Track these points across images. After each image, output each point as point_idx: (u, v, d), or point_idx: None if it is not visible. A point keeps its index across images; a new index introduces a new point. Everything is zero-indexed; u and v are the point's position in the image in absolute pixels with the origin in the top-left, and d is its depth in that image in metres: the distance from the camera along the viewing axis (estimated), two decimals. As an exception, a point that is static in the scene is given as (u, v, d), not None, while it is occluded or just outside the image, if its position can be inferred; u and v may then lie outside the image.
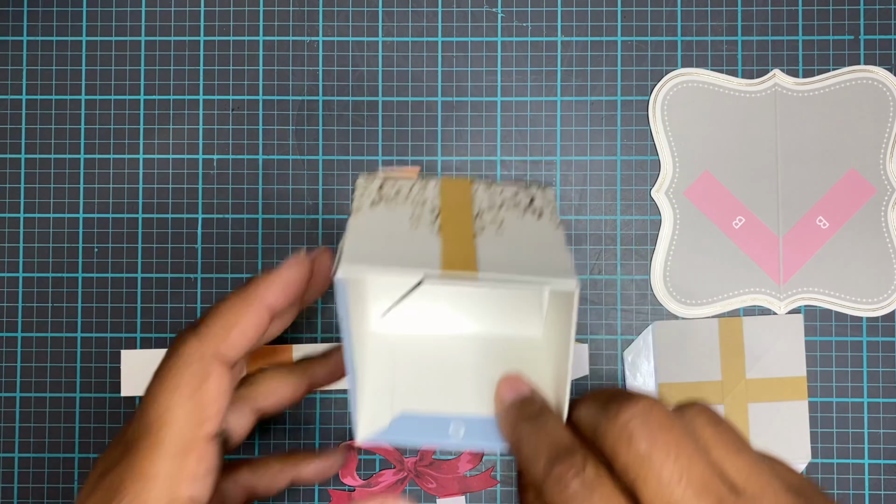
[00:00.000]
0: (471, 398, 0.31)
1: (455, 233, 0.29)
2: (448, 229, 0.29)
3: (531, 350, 0.32)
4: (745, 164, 0.44)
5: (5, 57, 0.46)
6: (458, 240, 0.28)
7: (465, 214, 0.30)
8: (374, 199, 0.31)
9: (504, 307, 0.33)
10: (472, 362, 0.32)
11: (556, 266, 0.27)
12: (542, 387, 0.31)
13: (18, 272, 0.45)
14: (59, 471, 0.44)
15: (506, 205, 0.31)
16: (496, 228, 0.30)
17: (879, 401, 0.44)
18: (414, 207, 0.30)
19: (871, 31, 0.45)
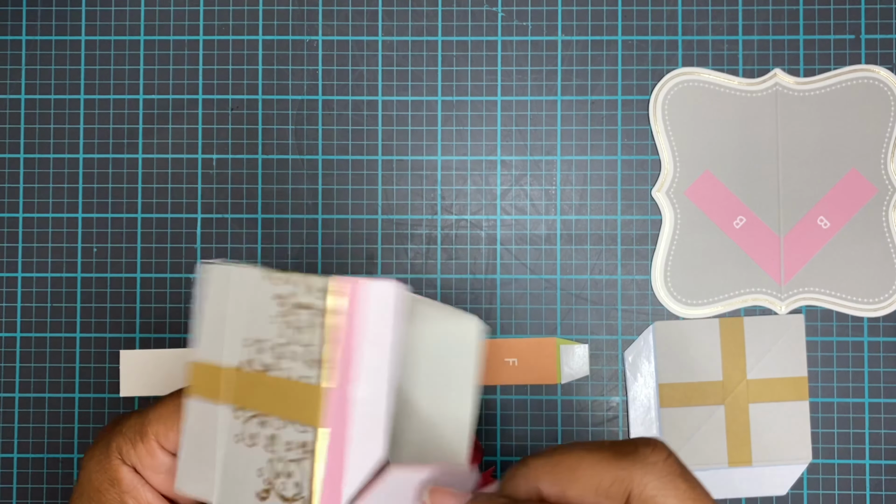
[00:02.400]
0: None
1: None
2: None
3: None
4: (746, 164, 0.44)
5: (4, 56, 0.46)
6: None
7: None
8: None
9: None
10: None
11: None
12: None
13: (17, 272, 0.45)
14: (57, 471, 0.44)
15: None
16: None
17: (880, 401, 0.44)
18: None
19: (872, 30, 0.45)
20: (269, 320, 0.24)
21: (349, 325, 0.23)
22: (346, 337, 0.23)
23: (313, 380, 0.23)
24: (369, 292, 0.23)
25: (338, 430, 0.23)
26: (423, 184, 0.45)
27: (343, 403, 0.23)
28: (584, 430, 0.44)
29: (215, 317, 0.26)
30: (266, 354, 0.24)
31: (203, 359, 0.26)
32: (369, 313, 0.23)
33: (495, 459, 0.44)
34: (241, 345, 0.25)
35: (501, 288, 0.44)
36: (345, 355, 0.23)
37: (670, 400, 0.44)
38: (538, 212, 0.45)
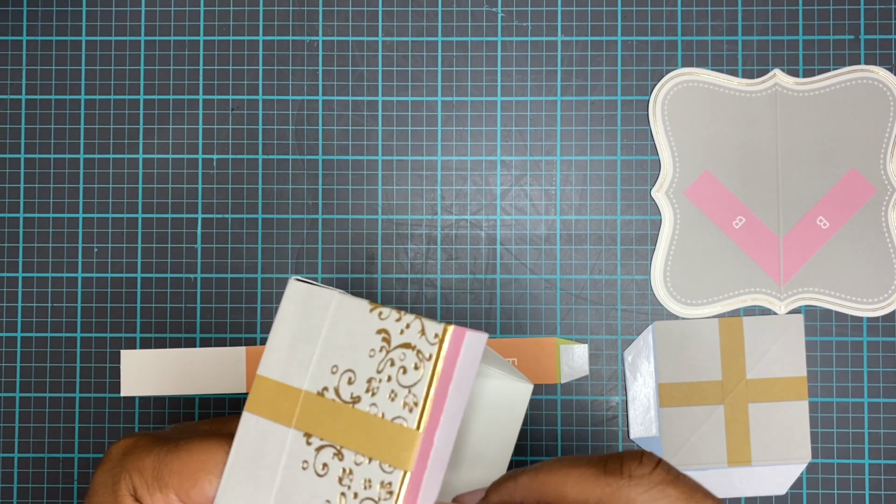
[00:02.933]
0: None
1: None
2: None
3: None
4: (746, 164, 0.44)
5: (5, 57, 0.46)
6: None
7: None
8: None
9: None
10: None
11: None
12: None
13: (18, 272, 0.45)
14: (58, 471, 0.44)
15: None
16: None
17: (880, 401, 0.44)
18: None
19: (872, 30, 0.45)
20: (369, 354, 0.24)
21: (448, 373, 0.23)
22: (443, 384, 0.23)
23: (409, 423, 0.23)
24: (471, 343, 0.24)
25: (418, 473, 0.23)
26: (423, 184, 0.45)
27: (427, 448, 0.23)
28: (584, 430, 0.44)
29: (304, 339, 0.25)
30: (357, 387, 0.24)
31: (279, 378, 0.26)
32: (465, 363, 0.24)
33: (495, 459, 0.44)
34: (329, 371, 0.25)
35: (501, 288, 0.44)
36: (439, 402, 0.23)
37: (670, 400, 0.44)
38: (538, 212, 0.45)
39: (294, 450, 0.25)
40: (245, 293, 0.45)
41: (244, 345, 0.44)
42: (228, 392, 0.44)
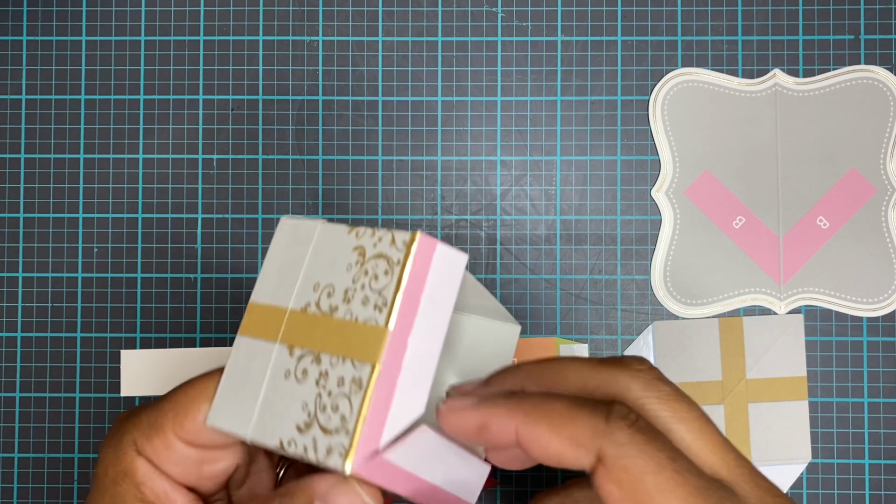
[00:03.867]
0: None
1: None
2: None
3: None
4: (746, 164, 0.44)
5: (5, 56, 0.46)
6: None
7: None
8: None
9: None
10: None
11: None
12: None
13: (18, 272, 0.45)
14: (58, 471, 0.44)
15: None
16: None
17: (880, 401, 0.44)
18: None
19: (872, 30, 0.45)
20: (347, 268, 0.26)
21: (419, 279, 0.25)
22: (414, 289, 0.25)
23: (379, 321, 0.24)
24: (443, 255, 0.25)
25: (390, 372, 0.24)
26: (423, 184, 0.45)
27: (400, 349, 0.24)
28: (583, 430, 0.44)
29: (291, 264, 0.27)
30: (335, 298, 0.26)
31: (267, 302, 0.27)
32: (439, 274, 0.25)
33: (495, 459, 0.44)
34: (309, 289, 0.26)
35: (501, 288, 0.44)
36: (410, 306, 0.24)
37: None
38: (538, 212, 0.45)
39: (278, 362, 0.26)
40: (245, 293, 0.45)
41: (244, 345, 0.44)
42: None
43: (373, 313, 0.24)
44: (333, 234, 0.26)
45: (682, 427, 0.26)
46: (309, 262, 0.27)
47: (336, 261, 0.26)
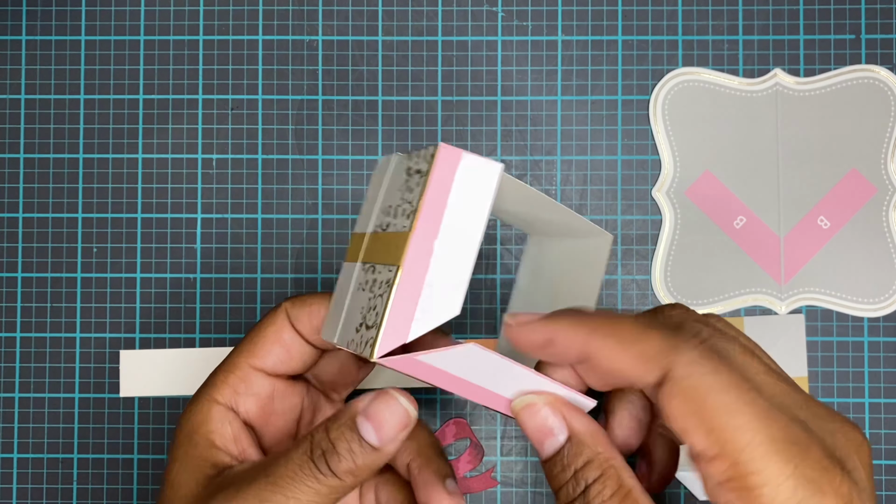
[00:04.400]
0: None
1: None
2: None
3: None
4: (746, 164, 0.44)
5: (4, 56, 0.46)
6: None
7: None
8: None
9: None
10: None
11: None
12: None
13: (17, 272, 0.45)
14: (57, 471, 0.44)
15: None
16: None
17: (881, 401, 0.44)
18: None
19: (873, 30, 0.45)
20: (398, 188, 0.28)
21: (443, 187, 0.26)
22: (438, 196, 0.26)
23: (407, 228, 0.26)
24: (469, 164, 0.26)
25: (415, 272, 0.26)
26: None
27: (425, 252, 0.26)
28: (584, 431, 0.44)
29: (372, 196, 0.30)
30: (390, 216, 0.28)
31: (357, 230, 0.30)
32: (466, 182, 0.26)
33: (495, 459, 0.44)
34: (382, 213, 0.29)
35: (501, 288, 0.44)
36: (434, 212, 0.26)
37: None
38: (538, 212, 0.45)
39: (358, 278, 0.29)
40: (245, 293, 0.45)
41: (244, 345, 0.44)
42: (228, 392, 0.44)
43: (405, 221, 0.26)
44: (400, 161, 0.29)
45: (750, 360, 0.25)
46: (385, 189, 0.29)
47: (398, 183, 0.28)
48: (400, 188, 0.28)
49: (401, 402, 0.26)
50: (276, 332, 0.30)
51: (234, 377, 0.30)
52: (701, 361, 0.24)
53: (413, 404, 0.26)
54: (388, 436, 0.26)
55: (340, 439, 0.26)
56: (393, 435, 0.26)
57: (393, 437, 0.26)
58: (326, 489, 0.26)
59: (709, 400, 0.23)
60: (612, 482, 0.25)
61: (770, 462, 0.23)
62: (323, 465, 0.26)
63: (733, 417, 0.23)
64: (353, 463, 0.26)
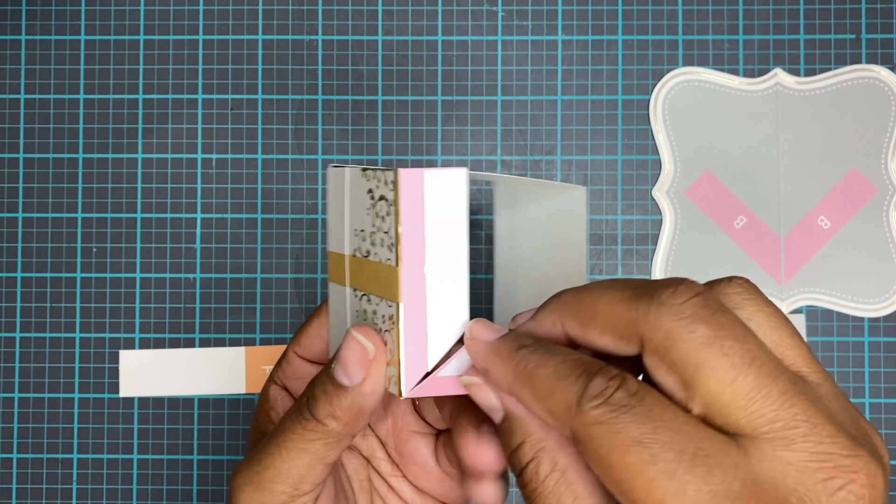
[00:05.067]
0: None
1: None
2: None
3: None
4: (747, 164, 0.44)
5: (4, 56, 0.46)
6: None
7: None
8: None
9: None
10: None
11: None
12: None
13: (17, 272, 0.45)
14: (57, 471, 0.44)
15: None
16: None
17: (881, 401, 0.44)
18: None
19: (873, 30, 0.45)
20: (366, 212, 0.28)
21: (416, 212, 0.26)
22: (414, 223, 0.26)
23: (392, 262, 0.26)
24: (434, 180, 0.26)
25: (415, 303, 0.26)
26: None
27: (418, 280, 0.26)
28: (584, 431, 0.44)
29: (338, 212, 0.30)
30: (366, 242, 0.28)
31: (334, 249, 0.31)
32: (437, 199, 0.26)
33: (495, 460, 0.44)
34: (353, 235, 0.29)
35: (501, 288, 0.44)
36: (415, 239, 0.26)
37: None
38: (538, 212, 0.45)
39: (351, 303, 0.29)
40: (245, 293, 0.45)
41: (244, 345, 0.44)
42: (228, 392, 0.44)
43: (389, 253, 0.27)
44: (355, 177, 0.29)
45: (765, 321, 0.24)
46: (348, 208, 0.29)
47: (361, 204, 0.28)
48: (367, 212, 0.28)
49: (357, 338, 0.27)
50: (318, 327, 0.32)
51: (284, 361, 0.33)
52: (673, 324, 0.22)
53: (373, 340, 0.27)
54: (352, 372, 0.27)
55: (318, 385, 0.28)
56: (356, 371, 0.27)
57: (357, 374, 0.27)
58: (312, 434, 0.28)
59: (682, 359, 0.22)
60: (545, 464, 0.25)
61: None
62: (306, 411, 0.28)
63: (713, 372, 0.22)
64: (330, 405, 0.27)
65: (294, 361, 0.33)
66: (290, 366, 0.33)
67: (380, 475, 0.33)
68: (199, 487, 0.44)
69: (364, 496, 0.33)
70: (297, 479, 0.28)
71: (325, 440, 0.28)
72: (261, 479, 0.28)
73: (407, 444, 0.33)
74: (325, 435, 0.28)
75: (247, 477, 0.28)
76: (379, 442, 0.33)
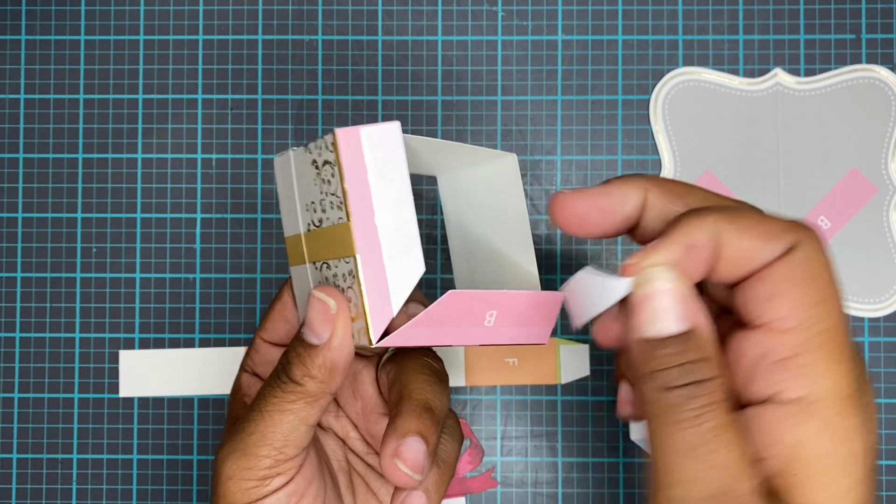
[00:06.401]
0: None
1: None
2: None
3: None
4: (747, 164, 0.44)
5: (3, 56, 0.46)
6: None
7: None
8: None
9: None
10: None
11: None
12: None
13: (17, 272, 0.45)
14: (56, 472, 0.44)
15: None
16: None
17: (881, 401, 0.44)
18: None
19: (873, 30, 0.45)
20: (313, 182, 0.29)
21: (358, 168, 0.27)
22: (357, 179, 0.27)
23: (344, 219, 0.27)
24: (371, 136, 0.27)
25: (371, 255, 0.27)
26: (423, 183, 0.45)
27: (371, 232, 0.27)
28: (583, 430, 0.44)
29: (288, 196, 0.31)
30: (318, 212, 0.29)
31: (290, 233, 0.31)
32: (377, 153, 0.27)
33: (495, 460, 0.44)
34: (304, 211, 0.30)
35: (501, 288, 0.44)
36: (361, 194, 0.27)
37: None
38: (538, 211, 0.45)
39: (313, 277, 0.30)
40: (244, 293, 0.45)
41: (244, 345, 0.44)
42: (228, 392, 0.44)
43: (339, 213, 0.28)
44: (300, 157, 0.30)
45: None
46: (297, 189, 0.30)
47: (307, 179, 0.29)
48: (315, 182, 0.29)
49: (318, 296, 0.28)
50: (281, 309, 0.33)
51: (252, 349, 0.34)
52: (820, 248, 0.25)
53: (332, 295, 0.28)
54: (318, 330, 0.28)
55: (291, 349, 0.29)
56: (322, 328, 0.28)
57: (323, 330, 0.28)
58: (292, 395, 0.29)
59: (819, 278, 0.24)
60: (720, 389, 0.25)
61: (833, 354, 0.24)
62: (282, 375, 0.29)
63: (829, 301, 0.24)
64: (304, 365, 0.28)
65: (262, 348, 0.34)
66: (258, 353, 0.34)
67: (356, 454, 0.34)
68: (199, 487, 0.44)
69: (343, 475, 0.34)
70: (282, 442, 0.29)
71: (304, 399, 0.28)
72: (245, 444, 0.29)
73: (377, 426, 0.33)
74: (304, 395, 0.28)
75: (231, 447, 0.29)
76: (351, 423, 0.34)
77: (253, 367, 0.34)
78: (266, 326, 0.33)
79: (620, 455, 0.44)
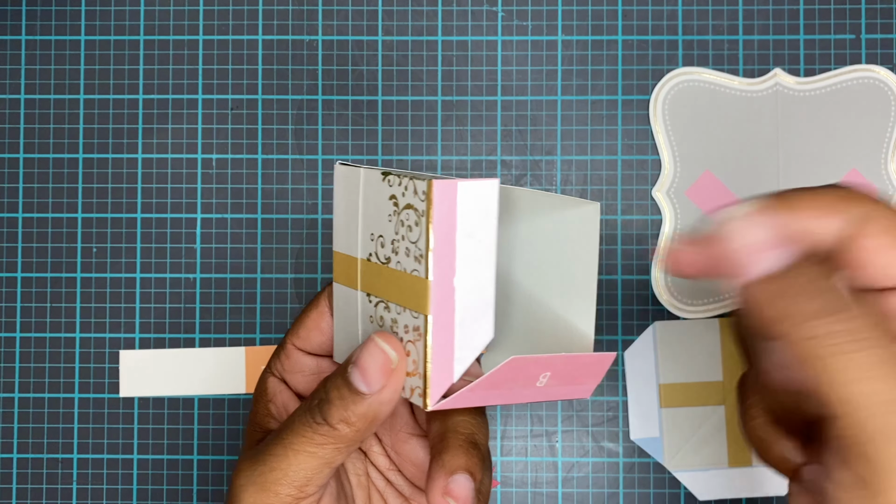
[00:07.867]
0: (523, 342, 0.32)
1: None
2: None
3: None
4: (747, 164, 0.44)
5: (4, 56, 0.46)
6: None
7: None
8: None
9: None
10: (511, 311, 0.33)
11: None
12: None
13: (17, 272, 0.45)
14: (57, 472, 0.44)
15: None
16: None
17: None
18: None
19: (873, 30, 0.45)
20: (388, 218, 0.27)
21: (448, 224, 0.26)
22: (446, 235, 0.26)
23: (421, 273, 0.26)
24: (468, 192, 0.26)
25: (444, 316, 0.26)
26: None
27: (448, 293, 0.26)
28: (583, 430, 0.44)
29: (349, 212, 0.29)
30: (386, 249, 0.27)
31: (343, 250, 0.30)
32: (469, 211, 0.26)
33: (495, 460, 0.44)
34: (368, 239, 0.28)
35: (501, 288, 0.44)
36: (446, 252, 0.26)
37: (671, 400, 0.44)
38: (538, 212, 0.45)
39: (364, 307, 0.29)
40: (244, 293, 0.45)
41: (244, 345, 0.44)
42: (228, 392, 0.44)
43: (415, 265, 0.26)
44: (373, 181, 0.28)
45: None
46: (362, 210, 0.29)
47: (380, 209, 0.28)
48: (389, 218, 0.27)
49: (381, 346, 0.27)
50: (317, 317, 0.32)
51: (282, 352, 0.32)
52: None
53: (396, 348, 0.27)
54: (372, 380, 0.26)
55: (332, 388, 0.27)
56: (376, 379, 0.26)
57: (377, 381, 0.26)
58: (322, 439, 0.27)
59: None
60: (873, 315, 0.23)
61: None
62: (317, 414, 0.27)
63: None
64: (345, 410, 0.27)
65: (293, 354, 0.32)
66: (288, 358, 0.32)
67: (377, 469, 0.33)
68: (199, 487, 0.44)
69: (361, 491, 0.32)
70: (303, 482, 0.27)
71: (335, 445, 0.27)
72: (265, 480, 0.28)
73: (404, 445, 0.32)
74: (336, 440, 0.27)
75: (250, 477, 0.28)
76: (376, 437, 0.33)
77: (281, 373, 0.32)
78: (300, 333, 0.32)
79: (620, 455, 0.44)
